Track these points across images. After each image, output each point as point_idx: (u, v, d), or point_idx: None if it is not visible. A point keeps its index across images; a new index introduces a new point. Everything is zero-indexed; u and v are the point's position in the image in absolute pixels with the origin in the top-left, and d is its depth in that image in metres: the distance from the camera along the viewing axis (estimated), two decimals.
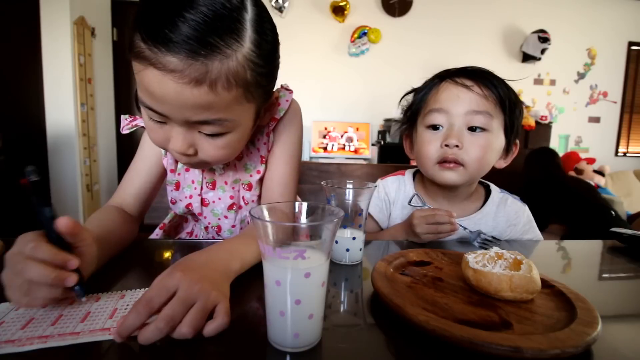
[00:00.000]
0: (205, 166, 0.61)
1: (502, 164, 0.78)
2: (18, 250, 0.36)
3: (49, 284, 0.35)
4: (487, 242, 0.67)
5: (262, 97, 0.53)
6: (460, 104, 0.70)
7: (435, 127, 0.73)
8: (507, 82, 0.73)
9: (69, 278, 0.36)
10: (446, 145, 0.70)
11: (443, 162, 0.72)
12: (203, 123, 0.48)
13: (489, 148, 0.71)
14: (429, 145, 0.73)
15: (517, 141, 0.77)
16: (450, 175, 0.72)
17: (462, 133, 0.70)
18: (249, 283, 0.45)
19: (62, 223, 0.37)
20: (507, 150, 0.76)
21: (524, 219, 0.80)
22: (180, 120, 0.47)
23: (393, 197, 0.85)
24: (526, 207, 0.82)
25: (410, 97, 0.82)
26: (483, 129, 0.70)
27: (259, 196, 0.71)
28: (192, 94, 0.43)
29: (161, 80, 0.42)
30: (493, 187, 0.84)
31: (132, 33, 0.43)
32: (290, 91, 0.68)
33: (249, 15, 0.45)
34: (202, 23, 0.40)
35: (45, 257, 0.35)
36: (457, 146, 0.70)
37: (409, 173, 0.88)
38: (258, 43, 0.46)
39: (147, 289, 0.35)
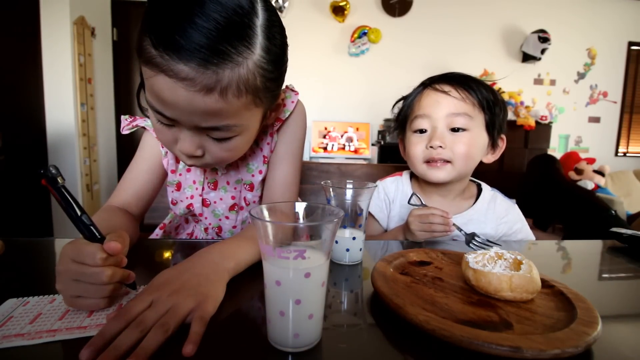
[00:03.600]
0: (209, 166, 0.61)
1: (491, 159, 0.82)
2: (72, 259, 0.37)
3: (118, 282, 0.39)
4: (482, 245, 0.67)
5: (270, 100, 0.53)
6: (440, 108, 0.76)
7: (421, 131, 0.79)
8: (488, 83, 0.78)
9: (130, 274, 0.40)
10: (431, 147, 0.76)
11: (430, 161, 0.77)
12: (212, 129, 0.48)
13: (471, 145, 0.76)
14: (416, 147, 0.79)
15: (503, 136, 0.82)
16: (438, 173, 0.77)
17: (444, 134, 0.76)
18: (249, 283, 0.45)
19: (112, 248, 0.38)
20: (493, 146, 0.81)
21: (515, 216, 0.83)
22: (189, 125, 0.47)
23: (392, 196, 0.88)
24: (516, 206, 0.85)
25: (401, 104, 0.88)
26: (464, 129, 0.75)
27: (261, 197, 0.71)
28: (203, 102, 0.43)
29: (172, 88, 0.42)
30: (484, 185, 0.87)
31: (141, 36, 0.43)
32: (296, 92, 0.68)
33: (259, 20, 0.44)
34: (214, 30, 0.39)
35: (112, 261, 0.38)
36: (440, 147, 0.75)
37: (406, 174, 0.92)
38: (268, 49, 0.45)
39: (145, 285, 0.36)
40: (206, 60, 0.40)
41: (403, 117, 0.85)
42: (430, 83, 0.80)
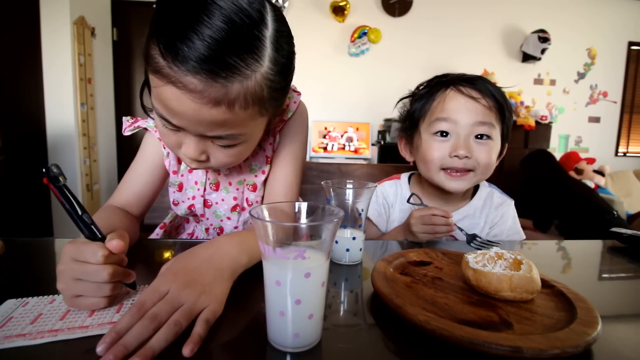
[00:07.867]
0: (212, 168, 0.62)
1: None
2: (73, 258, 0.37)
3: (116, 281, 0.38)
4: (483, 245, 0.67)
5: (275, 109, 0.53)
6: (468, 115, 0.72)
7: (442, 134, 0.75)
8: (502, 88, 0.76)
9: (131, 273, 0.40)
10: (455, 156, 0.72)
11: (450, 169, 0.74)
12: (217, 137, 0.48)
13: (493, 153, 0.74)
14: (436, 152, 0.75)
15: (506, 144, 0.80)
16: (458, 184, 0.75)
17: (469, 143, 0.73)
18: (249, 283, 0.45)
19: (114, 246, 0.38)
20: (500, 154, 0.79)
21: (512, 212, 0.82)
22: (194, 133, 0.48)
23: (391, 200, 0.87)
24: (512, 202, 0.84)
25: (407, 100, 0.83)
26: (488, 137, 0.74)
27: (263, 197, 0.71)
28: (210, 113, 0.43)
29: (180, 98, 0.42)
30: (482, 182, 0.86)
31: (148, 43, 0.43)
32: (299, 93, 0.68)
33: (268, 31, 0.44)
34: (223, 43, 0.39)
35: (113, 260, 0.38)
36: (466, 157, 0.72)
37: (404, 176, 0.90)
38: (276, 60, 0.45)
39: (147, 285, 0.36)
40: (215, 73, 0.40)
41: (416, 117, 0.79)
42: (453, 84, 0.75)
